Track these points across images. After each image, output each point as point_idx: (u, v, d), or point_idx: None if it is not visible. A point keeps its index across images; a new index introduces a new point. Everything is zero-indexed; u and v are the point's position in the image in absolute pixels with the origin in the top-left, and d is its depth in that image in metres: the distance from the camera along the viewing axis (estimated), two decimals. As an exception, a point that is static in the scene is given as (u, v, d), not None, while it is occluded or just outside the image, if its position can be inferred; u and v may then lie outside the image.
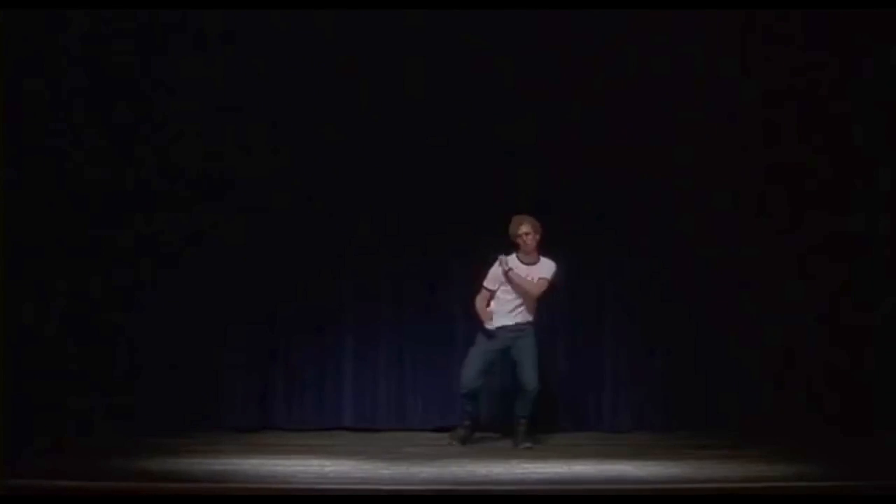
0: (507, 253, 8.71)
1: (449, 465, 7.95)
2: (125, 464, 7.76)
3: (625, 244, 9.49)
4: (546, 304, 9.30)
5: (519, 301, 8.71)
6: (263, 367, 9.59)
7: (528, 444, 8.65)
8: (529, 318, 8.76)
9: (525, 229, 8.69)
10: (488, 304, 8.74)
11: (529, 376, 8.64)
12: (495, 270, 8.71)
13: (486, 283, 8.76)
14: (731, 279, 9.34)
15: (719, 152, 9.30)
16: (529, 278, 8.70)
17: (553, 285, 8.74)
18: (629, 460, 8.10)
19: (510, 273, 8.65)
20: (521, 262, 8.72)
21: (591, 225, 9.47)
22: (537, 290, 8.71)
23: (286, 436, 9.24)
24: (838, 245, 9.16)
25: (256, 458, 8.10)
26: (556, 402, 9.55)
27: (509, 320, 8.72)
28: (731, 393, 9.29)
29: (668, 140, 9.34)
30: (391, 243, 9.43)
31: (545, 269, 8.74)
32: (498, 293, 8.74)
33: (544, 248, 8.74)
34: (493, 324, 8.72)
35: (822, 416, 8.99)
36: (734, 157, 9.28)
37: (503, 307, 8.73)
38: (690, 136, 9.34)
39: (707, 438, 8.88)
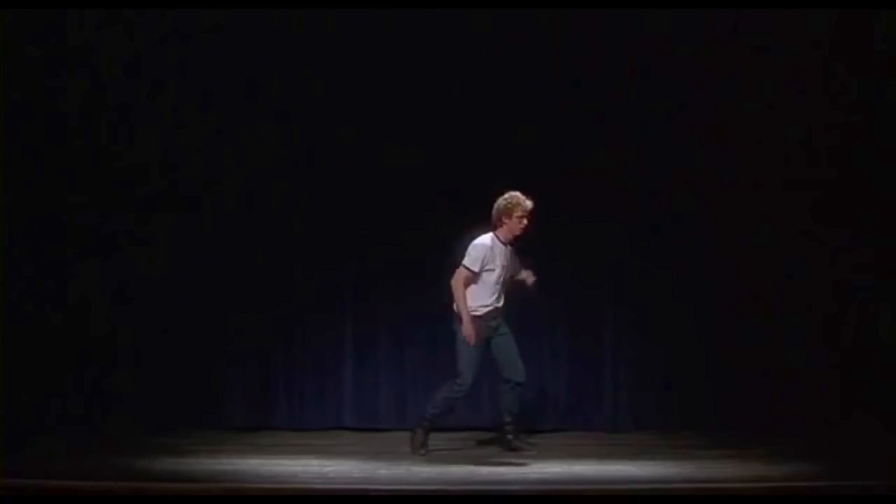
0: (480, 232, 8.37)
1: (449, 465, 7.95)
2: (125, 464, 7.76)
3: (626, 243, 9.48)
4: (545, 304, 9.33)
5: (501, 282, 8.28)
6: (264, 367, 9.60)
7: (523, 446, 8.40)
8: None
9: (521, 212, 8.23)
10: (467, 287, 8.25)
11: (520, 367, 8.30)
12: (481, 249, 8.24)
13: (468, 264, 8.24)
14: (732, 279, 9.33)
15: (722, 152, 9.29)
16: (513, 264, 8.34)
17: None
18: (629, 460, 8.10)
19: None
20: (502, 243, 8.30)
21: (592, 224, 9.46)
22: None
23: (286, 436, 9.25)
24: (840, 246, 9.16)
25: (256, 458, 8.11)
26: (557, 402, 9.56)
27: (496, 303, 8.30)
28: (732, 393, 9.28)
29: (671, 138, 9.34)
30: (392, 242, 9.42)
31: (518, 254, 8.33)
32: (482, 275, 8.27)
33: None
34: (478, 311, 8.27)
35: (823, 417, 8.98)
36: (737, 157, 9.28)
37: (486, 290, 8.27)
38: (694, 134, 9.34)
39: (707, 438, 8.88)
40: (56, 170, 9.22)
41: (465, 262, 8.27)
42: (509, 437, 8.45)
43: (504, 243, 8.33)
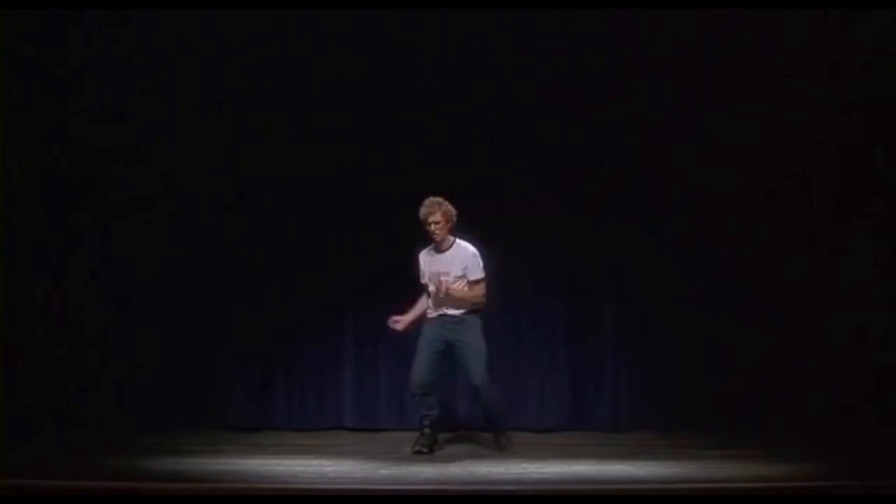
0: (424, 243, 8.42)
1: (449, 465, 7.96)
2: (125, 464, 7.76)
3: (626, 243, 9.48)
4: (546, 304, 9.33)
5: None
6: (264, 367, 9.60)
7: (504, 448, 8.38)
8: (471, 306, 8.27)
9: (435, 218, 8.18)
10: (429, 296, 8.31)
11: (474, 372, 8.18)
12: (421, 265, 8.34)
13: (481, 275, 8.23)
14: (732, 279, 9.32)
15: (722, 152, 9.28)
16: (445, 272, 8.20)
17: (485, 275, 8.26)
18: (629, 460, 8.10)
19: (450, 291, 8.14)
20: (435, 252, 8.30)
21: (591, 223, 9.46)
22: (478, 295, 8.20)
23: (286, 436, 9.25)
24: (840, 246, 9.16)
25: (256, 458, 8.11)
26: (557, 402, 9.55)
27: (448, 309, 8.25)
28: (732, 393, 9.28)
29: (670, 137, 9.34)
30: (392, 243, 9.41)
31: (462, 262, 8.16)
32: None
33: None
34: (434, 312, 8.31)
35: (823, 416, 8.98)
36: (737, 157, 9.27)
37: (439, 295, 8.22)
38: (693, 134, 9.34)
39: (707, 438, 8.87)
40: (56, 170, 9.22)
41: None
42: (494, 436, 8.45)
43: (436, 252, 8.35)
